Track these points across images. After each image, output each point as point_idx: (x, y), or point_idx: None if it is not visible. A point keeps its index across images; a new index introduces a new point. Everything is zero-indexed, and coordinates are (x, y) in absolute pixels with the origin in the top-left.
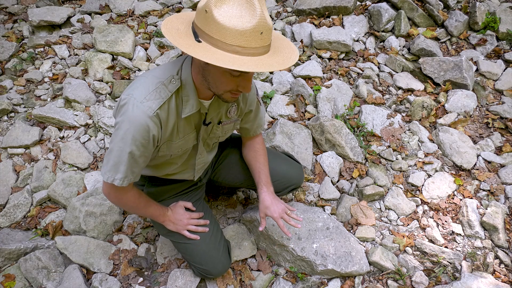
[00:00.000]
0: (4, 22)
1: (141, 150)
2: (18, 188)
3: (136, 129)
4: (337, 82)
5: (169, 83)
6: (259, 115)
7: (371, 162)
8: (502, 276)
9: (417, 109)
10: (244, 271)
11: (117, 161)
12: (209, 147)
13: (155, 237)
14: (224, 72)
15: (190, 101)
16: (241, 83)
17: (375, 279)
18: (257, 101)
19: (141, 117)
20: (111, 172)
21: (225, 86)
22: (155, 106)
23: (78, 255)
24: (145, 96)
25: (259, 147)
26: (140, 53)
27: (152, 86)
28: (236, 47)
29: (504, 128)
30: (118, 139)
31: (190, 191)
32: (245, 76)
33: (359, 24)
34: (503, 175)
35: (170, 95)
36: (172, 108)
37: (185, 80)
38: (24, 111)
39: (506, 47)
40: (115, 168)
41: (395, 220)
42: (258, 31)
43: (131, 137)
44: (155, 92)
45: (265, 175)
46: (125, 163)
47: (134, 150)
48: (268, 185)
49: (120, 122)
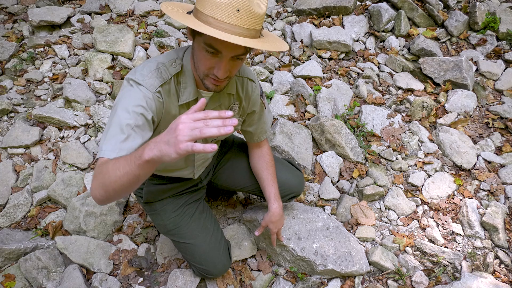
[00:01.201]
0: (4, 22)
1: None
2: (18, 188)
3: (136, 98)
4: (337, 82)
5: (170, 66)
6: (263, 119)
7: (371, 162)
8: (502, 276)
9: (417, 109)
10: (244, 271)
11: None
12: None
13: (155, 237)
14: (202, 48)
15: (188, 88)
16: (217, 64)
17: (375, 279)
18: (261, 103)
19: (143, 90)
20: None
21: (203, 65)
22: (156, 83)
23: (78, 255)
24: (147, 74)
25: (269, 158)
26: (140, 53)
27: (154, 67)
28: (209, 18)
29: (504, 128)
30: (115, 109)
31: (190, 192)
32: (221, 58)
33: (359, 24)
34: (503, 175)
35: (170, 77)
36: (172, 91)
37: (185, 66)
38: (24, 111)
39: (506, 47)
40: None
41: (395, 220)
42: (234, 7)
43: (130, 104)
44: (157, 71)
45: (276, 188)
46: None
47: (128, 119)
48: (279, 200)
49: (120, 96)
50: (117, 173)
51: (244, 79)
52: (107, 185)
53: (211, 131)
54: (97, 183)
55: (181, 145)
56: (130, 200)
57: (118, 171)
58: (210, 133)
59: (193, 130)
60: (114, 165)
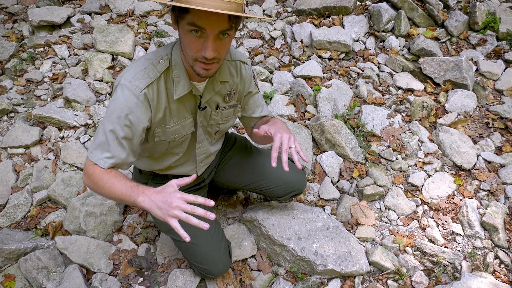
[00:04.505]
0: (4, 22)
1: (125, 132)
2: (18, 188)
3: (122, 109)
4: (337, 82)
5: (157, 63)
6: (258, 101)
7: (371, 162)
8: (502, 276)
9: (417, 109)
10: (244, 271)
11: (102, 141)
12: (211, 137)
13: (155, 237)
14: (186, 32)
15: (181, 81)
16: (203, 45)
17: (375, 279)
18: (255, 85)
19: (128, 96)
20: (96, 151)
21: (190, 49)
22: (142, 85)
23: (78, 255)
24: (133, 76)
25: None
26: (140, 53)
27: (141, 67)
28: None
29: (504, 128)
30: (104, 117)
31: (192, 190)
32: (206, 37)
33: (359, 24)
34: (503, 175)
35: (159, 75)
36: (161, 88)
37: (175, 61)
38: (24, 111)
39: (506, 47)
40: (100, 147)
41: (395, 220)
42: None
43: (116, 116)
44: (143, 72)
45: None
46: (110, 143)
47: (118, 130)
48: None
49: (110, 101)
50: (112, 193)
51: (237, 62)
52: (100, 193)
53: (193, 221)
54: (90, 184)
55: (169, 218)
56: None
57: (113, 193)
58: (192, 223)
59: (181, 214)
60: (112, 185)
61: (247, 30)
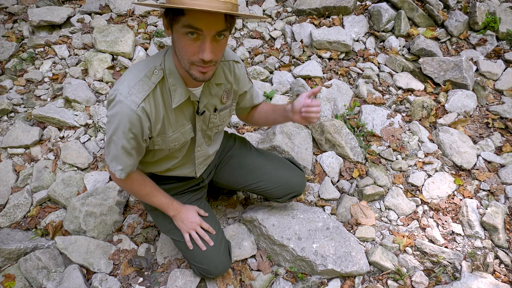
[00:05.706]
0: (4, 22)
1: (132, 144)
2: (18, 188)
3: (124, 125)
4: (337, 82)
5: (151, 75)
6: (253, 94)
7: (371, 162)
8: (502, 276)
9: (417, 109)
10: (244, 271)
11: (115, 154)
12: (210, 140)
13: (155, 237)
14: (182, 35)
15: (178, 89)
16: (200, 47)
17: (375, 279)
18: (249, 80)
19: (127, 112)
20: (112, 163)
21: (186, 53)
22: (138, 99)
23: (78, 255)
24: (128, 91)
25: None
26: (140, 53)
27: (135, 80)
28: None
29: (504, 128)
30: (111, 132)
31: (192, 191)
32: (203, 39)
33: (359, 24)
34: (503, 175)
35: (154, 87)
36: (158, 99)
37: (169, 69)
38: (24, 111)
39: (506, 47)
40: (115, 160)
41: (395, 220)
42: None
43: (121, 132)
44: (138, 86)
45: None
46: (121, 156)
47: (126, 144)
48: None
49: (110, 116)
50: (152, 201)
51: (230, 63)
52: (137, 196)
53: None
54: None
55: (185, 233)
56: (130, 200)
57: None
58: (198, 243)
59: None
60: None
61: (247, 30)
